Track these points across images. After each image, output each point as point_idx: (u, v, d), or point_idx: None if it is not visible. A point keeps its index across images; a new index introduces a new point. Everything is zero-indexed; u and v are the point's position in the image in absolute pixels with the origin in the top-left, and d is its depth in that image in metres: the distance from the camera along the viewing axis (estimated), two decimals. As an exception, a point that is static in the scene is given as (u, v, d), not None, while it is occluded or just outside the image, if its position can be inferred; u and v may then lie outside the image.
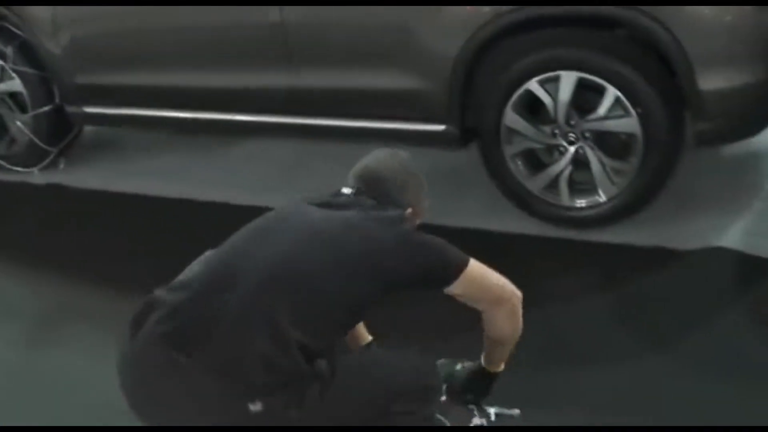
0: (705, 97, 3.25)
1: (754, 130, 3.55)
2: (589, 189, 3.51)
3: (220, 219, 3.88)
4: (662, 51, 3.25)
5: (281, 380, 2.01)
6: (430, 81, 3.58)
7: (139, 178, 4.43)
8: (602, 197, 3.48)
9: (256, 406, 1.98)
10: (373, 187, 2.31)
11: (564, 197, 3.51)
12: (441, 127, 3.66)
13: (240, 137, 4.66)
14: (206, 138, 4.72)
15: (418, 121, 3.70)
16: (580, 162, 3.45)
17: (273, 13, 3.72)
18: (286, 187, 4.13)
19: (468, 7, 3.40)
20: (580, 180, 3.50)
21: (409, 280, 2.18)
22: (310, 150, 4.44)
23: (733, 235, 3.42)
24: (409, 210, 2.30)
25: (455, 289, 2.19)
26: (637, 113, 3.30)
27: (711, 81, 3.22)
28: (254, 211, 3.62)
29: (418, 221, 2.37)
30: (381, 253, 2.13)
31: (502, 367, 2.39)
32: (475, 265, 2.20)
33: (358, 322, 2.48)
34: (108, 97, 4.30)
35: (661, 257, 3.35)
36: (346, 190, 2.31)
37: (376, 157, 2.40)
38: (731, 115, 3.34)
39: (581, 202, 3.54)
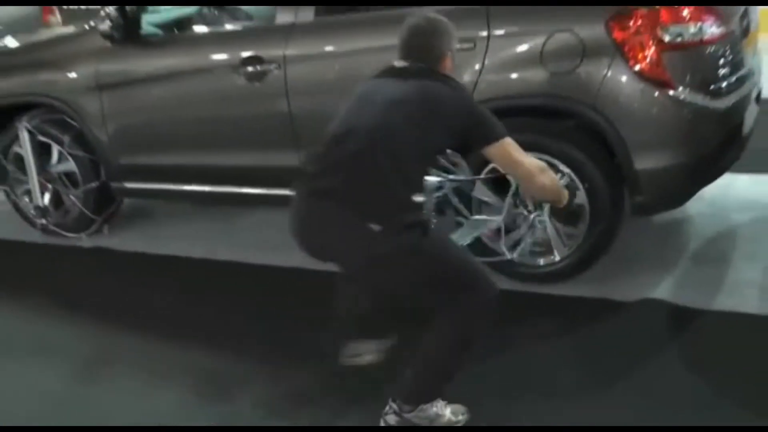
0: (640, 176, 3.29)
1: (679, 201, 3.63)
2: (546, 251, 3.54)
3: (235, 275, 3.98)
4: (605, 137, 3.30)
5: (392, 210, 2.34)
6: None
7: (169, 241, 4.43)
8: (557, 257, 3.51)
9: (376, 227, 2.29)
10: (420, 56, 2.60)
11: (526, 257, 3.51)
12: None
13: (252, 207, 4.66)
14: (224, 207, 4.75)
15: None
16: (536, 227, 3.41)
17: (282, 104, 3.79)
18: (289, 248, 4.08)
19: None
20: (538, 243, 3.51)
21: (463, 131, 2.49)
22: None
23: (665, 288, 3.45)
24: (448, 56, 2.64)
25: (493, 150, 2.54)
26: (584, 188, 3.34)
27: (644, 162, 3.27)
28: (264, 269, 3.87)
29: (452, 61, 2.69)
30: (445, 108, 2.46)
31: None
32: (512, 141, 2.56)
33: (434, 165, 2.84)
34: (144, 174, 4.31)
35: (607, 307, 3.36)
36: (402, 64, 2.63)
37: (415, 29, 2.65)
38: (661, 189, 3.37)
39: (540, 261, 3.55)
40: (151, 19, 4.28)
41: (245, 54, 3.82)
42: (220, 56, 3.96)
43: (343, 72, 3.67)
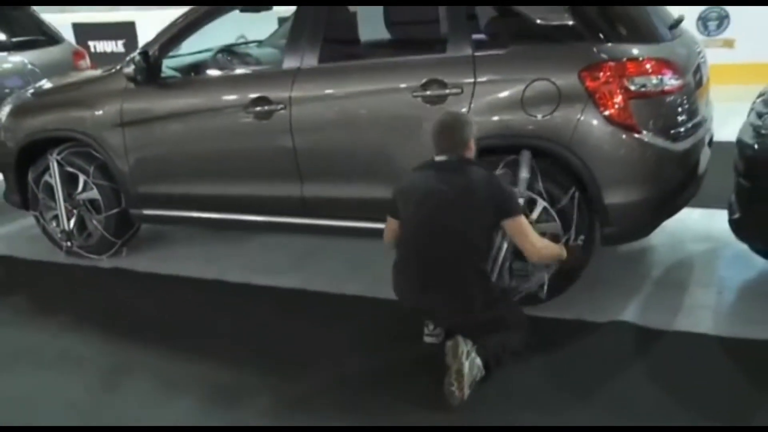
0: (609, 209, 3.32)
1: (644, 233, 3.62)
2: (525, 275, 3.47)
3: (243, 296, 3.93)
4: (577, 174, 3.32)
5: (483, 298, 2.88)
6: None
7: (182, 263, 4.38)
8: (534, 283, 3.42)
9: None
10: (454, 150, 3.01)
11: (506, 281, 3.43)
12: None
13: (258, 232, 4.62)
14: (233, 232, 4.71)
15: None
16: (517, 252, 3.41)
17: (286, 140, 3.79)
18: (293, 270, 4.13)
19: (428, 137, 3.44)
20: (518, 267, 3.45)
21: (495, 206, 2.91)
22: (314, 243, 4.46)
23: (631, 310, 3.46)
24: (471, 140, 3.04)
25: (510, 223, 2.95)
26: (559, 219, 3.34)
27: (613, 197, 3.29)
28: (269, 291, 3.89)
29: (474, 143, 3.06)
30: (478, 193, 2.91)
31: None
32: (524, 220, 2.98)
33: (490, 244, 3.10)
34: (160, 202, 4.28)
35: (580, 328, 3.37)
36: (440, 158, 3.03)
37: (444, 128, 3.05)
38: (628, 222, 3.38)
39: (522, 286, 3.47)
40: (171, 63, 4.31)
41: (254, 95, 3.83)
42: (231, 96, 3.96)
43: (342, 112, 3.69)
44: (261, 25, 5.42)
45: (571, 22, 3.32)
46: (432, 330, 3.19)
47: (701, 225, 4.28)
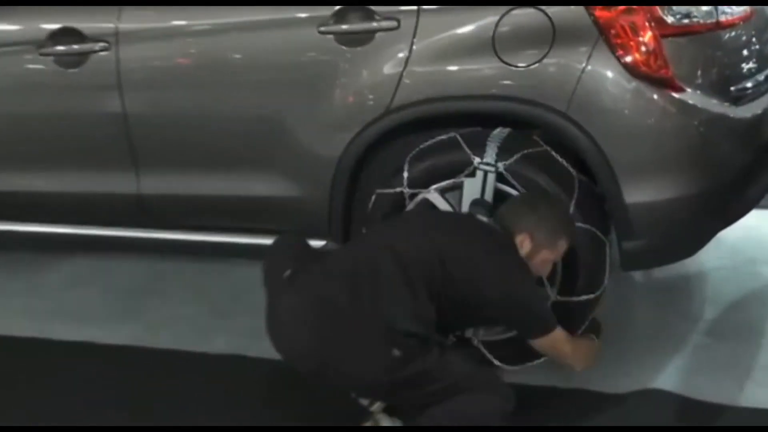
0: (632, 212, 3.34)
1: (688, 249, 3.67)
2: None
3: (41, 355, 3.97)
4: (582, 157, 3.35)
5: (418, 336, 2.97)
6: (306, 188, 3.69)
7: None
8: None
9: (396, 353, 2.92)
10: (517, 225, 3.23)
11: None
12: (319, 244, 3.71)
13: (66, 255, 4.65)
14: (22, 255, 4.70)
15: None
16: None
17: (110, 101, 3.78)
18: (114, 319, 4.22)
19: (352, 99, 3.51)
20: None
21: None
22: (156, 270, 4.52)
23: (669, 375, 3.53)
24: (541, 252, 3.22)
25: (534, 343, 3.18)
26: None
27: (638, 194, 3.33)
28: (76, 347, 3.98)
29: None
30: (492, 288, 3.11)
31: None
32: (557, 336, 3.16)
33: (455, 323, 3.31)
34: None
35: (589, 401, 3.43)
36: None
37: (535, 201, 3.30)
38: (662, 232, 3.42)
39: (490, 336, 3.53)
40: None
41: (54, 26, 3.80)
42: (14, 27, 3.94)
43: (203, 58, 3.73)
44: None
45: None
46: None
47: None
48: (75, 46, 3.77)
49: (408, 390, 2.99)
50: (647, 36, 3.25)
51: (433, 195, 3.48)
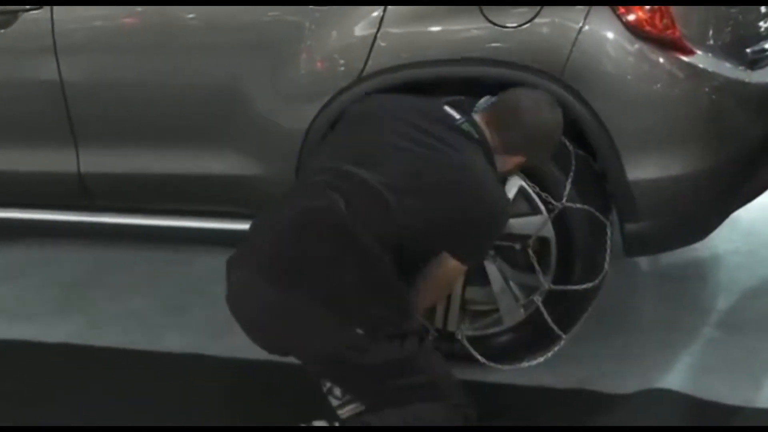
0: (636, 190, 3.33)
1: (699, 232, 3.67)
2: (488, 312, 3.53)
3: None
4: (579, 128, 3.32)
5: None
6: (268, 166, 3.67)
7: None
8: (504, 324, 3.50)
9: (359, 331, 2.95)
10: (503, 131, 3.22)
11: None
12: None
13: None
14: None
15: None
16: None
17: (45, 65, 3.73)
18: (53, 315, 4.20)
19: (320, 65, 3.48)
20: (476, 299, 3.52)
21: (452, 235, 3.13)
22: (101, 260, 4.50)
23: (677, 373, 3.52)
24: (514, 156, 3.23)
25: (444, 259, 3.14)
26: (547, 210, 3.34)
27: (643, 170, 3.32)
28: (7, 346, 4.05)
29: None
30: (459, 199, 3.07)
31: None
32: (457, 267, 3.16)
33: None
34: None
35: (589, 402, 3.43)
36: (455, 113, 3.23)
37: (517, 107, 3.21)
38: (670, 212, 3.43)
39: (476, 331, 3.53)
40: None
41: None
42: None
43: (151, 16, 3.70)
44: None
45: None
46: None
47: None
48: (6, 7, 3.75)
49: (382, 380, 2.98)
50: (654, -10, 3.24)
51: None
